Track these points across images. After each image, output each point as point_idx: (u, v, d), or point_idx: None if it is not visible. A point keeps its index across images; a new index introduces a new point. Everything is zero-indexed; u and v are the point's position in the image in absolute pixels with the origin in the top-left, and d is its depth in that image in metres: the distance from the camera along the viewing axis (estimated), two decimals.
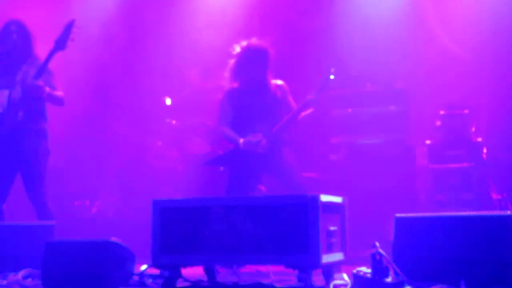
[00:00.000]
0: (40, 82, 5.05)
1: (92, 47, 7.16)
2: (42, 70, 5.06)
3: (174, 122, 7.27)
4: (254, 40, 5.45)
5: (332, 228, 3.78)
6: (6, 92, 5.14)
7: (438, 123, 6.30)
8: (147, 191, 6.63)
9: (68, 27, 5.10)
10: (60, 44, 5.07)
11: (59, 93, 5.28)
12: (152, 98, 7.45)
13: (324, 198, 3.70)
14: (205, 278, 4.07)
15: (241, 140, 5.30)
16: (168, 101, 7.37)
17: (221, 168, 5.84)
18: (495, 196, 6.17)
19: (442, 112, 6.29)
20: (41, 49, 5.24)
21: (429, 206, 6.17)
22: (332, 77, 5.25)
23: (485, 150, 6.25)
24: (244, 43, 5.45)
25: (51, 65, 5.17)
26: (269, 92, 5.43)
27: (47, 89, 5.11)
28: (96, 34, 7.23)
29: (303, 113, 5.34)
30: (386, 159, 6.32)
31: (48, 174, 5.26)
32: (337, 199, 3.99)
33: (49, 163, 5.31)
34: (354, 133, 6.53)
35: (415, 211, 5.42)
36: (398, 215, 3.86)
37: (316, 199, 3.59)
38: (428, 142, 6.33)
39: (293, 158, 5.47)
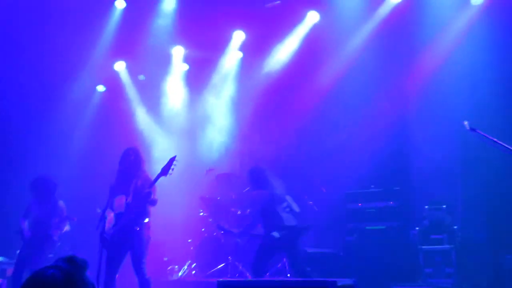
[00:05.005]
0: (148, 190, 6.53)
1: None
2: (152, 184, 6.53)
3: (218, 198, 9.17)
4: None
5: None
6: (123, 198, 6.63)
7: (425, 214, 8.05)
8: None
9: (172, 160, 6.33)
10: (164, 171, 6.33)
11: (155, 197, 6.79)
12: None
13: (340, 283, 4.43)
14: None
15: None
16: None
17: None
18: None
19: (427, 207, 8.08)
20: None
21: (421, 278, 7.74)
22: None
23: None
24: None
25: None
26: None
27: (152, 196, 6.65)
28: None
29: None
30: (388, 240, 8.20)
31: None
32: (349, 282, 4.73)
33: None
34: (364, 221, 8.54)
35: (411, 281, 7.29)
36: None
37: (334, 284, 4.38)
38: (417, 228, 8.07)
39: None
